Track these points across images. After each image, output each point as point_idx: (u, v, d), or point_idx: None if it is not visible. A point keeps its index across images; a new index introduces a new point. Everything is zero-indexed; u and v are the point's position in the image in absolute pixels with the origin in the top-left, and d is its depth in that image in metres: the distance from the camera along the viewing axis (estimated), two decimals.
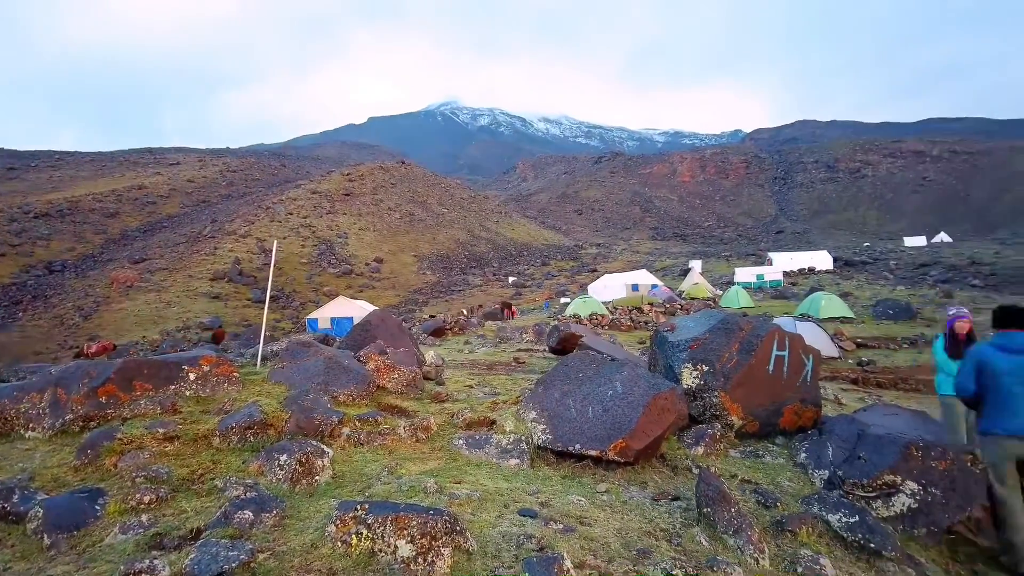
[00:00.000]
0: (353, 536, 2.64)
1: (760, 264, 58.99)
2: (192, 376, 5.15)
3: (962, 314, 5.85)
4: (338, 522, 2.70)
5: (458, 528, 2.75)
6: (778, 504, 3.90)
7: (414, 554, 2.57)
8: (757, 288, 44.22)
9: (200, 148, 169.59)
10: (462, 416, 5.36)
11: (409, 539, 2.60)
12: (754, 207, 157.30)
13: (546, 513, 3.38)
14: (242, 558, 2.51)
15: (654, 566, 2.83)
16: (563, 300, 41.40)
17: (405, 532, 2.62)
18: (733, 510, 3.35)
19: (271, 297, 19.35)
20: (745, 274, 49.65)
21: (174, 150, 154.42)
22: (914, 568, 3.47)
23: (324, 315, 36.02)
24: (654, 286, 40.04)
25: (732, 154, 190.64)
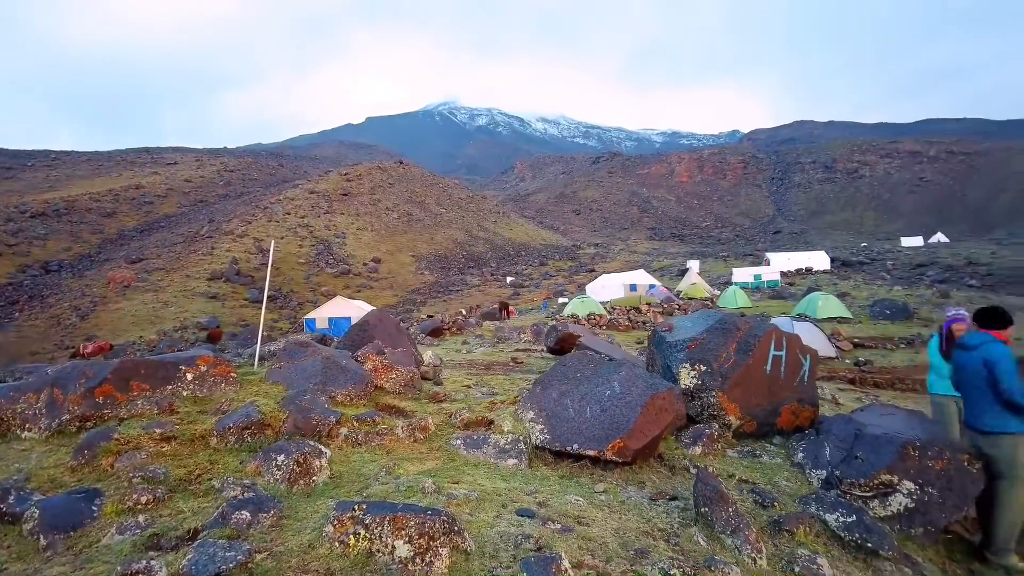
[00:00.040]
0: (351, 536, 2.63)
1: (757, 264, 59.22)
2: (189, 376, 5.14)
3: (960, 316, 5.83)
4: (336, 522, 2.69)
5: (456, 528, 2.75)
6: (775, 504, 3.91)
7: (412, 554, 2.57)
8: (755, 288, 44.32)
9: (197, 148, 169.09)
10: (460, 416, 5.35)
11: (407, 539, 2.60)
12: (752, 207, 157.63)
13: (544, 513, 3.38)
14: (239, 559, 2.51)
15: (652, 566, 2.83)
16: (561, 300, 41.43)
17: (403, 532, 2.61)
18: (731, 510, 3.36)
19: (268, 297, 19.30)
20: (743, 274, 49.82)
21: (171, 150, 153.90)
22: (911, 567, 3.48)
23: (322, 315, 36.00)
24: (652, 286, 40.09)
25: (730, 154, 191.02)
